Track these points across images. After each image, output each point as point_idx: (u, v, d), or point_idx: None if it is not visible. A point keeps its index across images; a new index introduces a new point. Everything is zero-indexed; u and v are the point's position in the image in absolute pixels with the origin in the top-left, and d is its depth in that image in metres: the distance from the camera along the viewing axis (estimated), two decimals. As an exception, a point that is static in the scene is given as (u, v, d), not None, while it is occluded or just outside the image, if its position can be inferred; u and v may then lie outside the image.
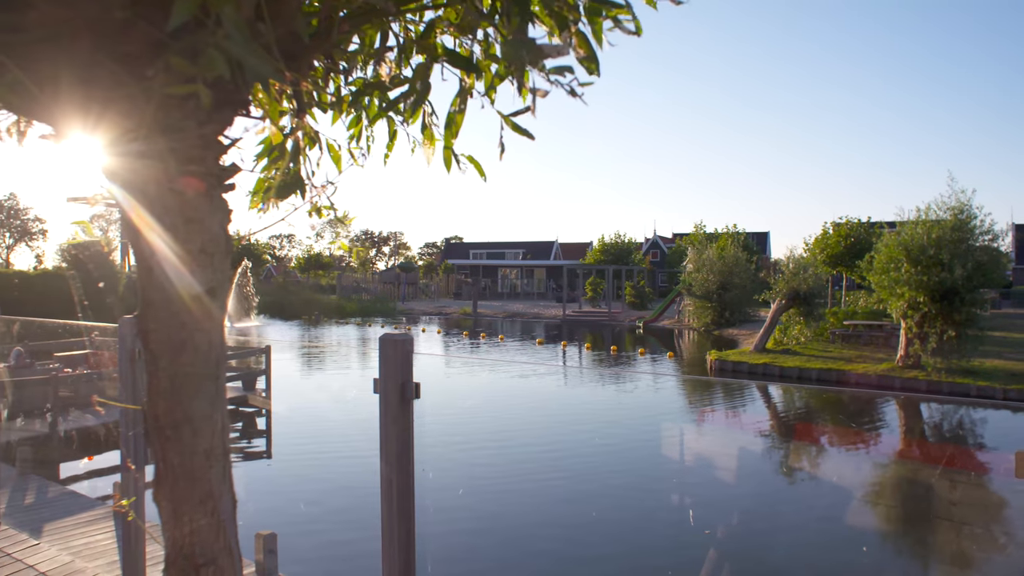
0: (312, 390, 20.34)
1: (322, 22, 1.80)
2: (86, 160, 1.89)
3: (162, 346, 1.63)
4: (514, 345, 32.42)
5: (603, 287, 53.36)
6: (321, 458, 12.12)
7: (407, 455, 3.42)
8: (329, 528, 8.82)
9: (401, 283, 66.16)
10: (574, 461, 12.35)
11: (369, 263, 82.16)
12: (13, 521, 6.72)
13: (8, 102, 1.59)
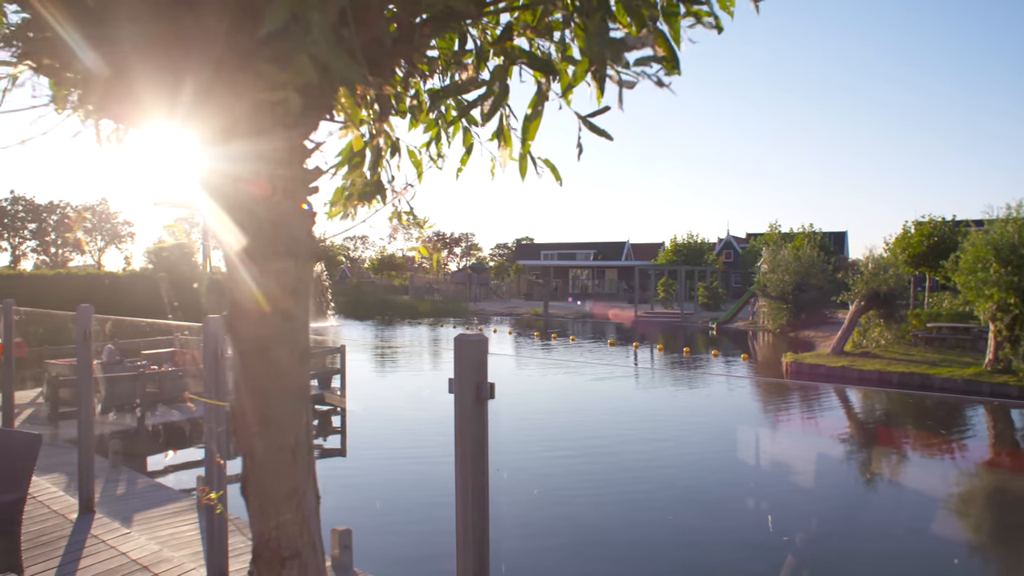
0: (386, 389, 20.64)
1: (403, 27, 1.83)
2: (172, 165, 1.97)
3: (250, 345, 1.68)
4: (585, 346, 32.28)
5: (675, 288, 52.69)
6: (395, 456, 12.29)
7: (482, 455, 3.44)
8: (402, 526, 8.94)
9: (473, 284, 66.61)
10: (647, 463, 12.22)
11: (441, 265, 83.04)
12: (106, 510, 7.01)
13: (109, 110, 1.66)
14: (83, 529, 6.37)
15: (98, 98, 1.71)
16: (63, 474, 8.72)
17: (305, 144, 1.69)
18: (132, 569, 5.57)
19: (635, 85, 1.90)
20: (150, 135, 1.83)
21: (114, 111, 1.80)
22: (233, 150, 1.52)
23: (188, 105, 1.47)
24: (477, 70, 2.24)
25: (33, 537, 6.05)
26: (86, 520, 6.58)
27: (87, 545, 6.04)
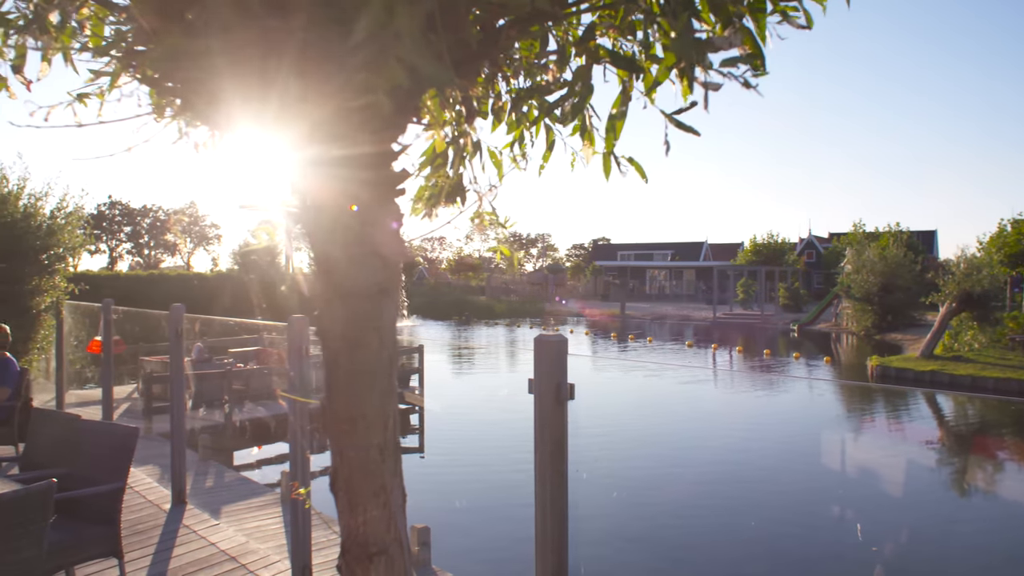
0: (464, 389, 20.83)
1: (487, 29, 1.84)
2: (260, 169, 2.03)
3: (339, 344, 1.71)
4: (663, 347, 31.92)
5: (755, 289, 51.60)
6: (473, 456, 12.39)
7: (561, 456, 3.43)
8: (480, 525, 9.01)
9: (549, 284, 66.65)
10: (727, 467, 12.01)
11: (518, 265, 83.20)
12: (197, 502, 7.28)
13: (204, 117, 1.73)
14: (176, 519, 6.63)
15: (194, 106, 1.78)
16: (157, 466, 9.09)
17: (392, 147, 1.72)
18: (221, 559, 5.77)
19: (720, 87, 1.87)
20: (240, 140, 1.90)
21: (208, 118, 1.87)
22: (322, 154, 1.56)
23: (278, 111, 1.51)
24: (560, 70, 2.24)
25: (131, 525, 6.33)
26: (178, 511, 6.84)
27: (179, 534, 6.29)
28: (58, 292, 11.88)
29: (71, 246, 12.08)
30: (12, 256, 11.08)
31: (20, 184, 11.61)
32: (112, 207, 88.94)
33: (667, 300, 67.55)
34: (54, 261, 11.80)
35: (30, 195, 11.66)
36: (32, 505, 3.62)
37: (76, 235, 12.23)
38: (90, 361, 14.78)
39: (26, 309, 11.37)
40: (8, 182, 11.48)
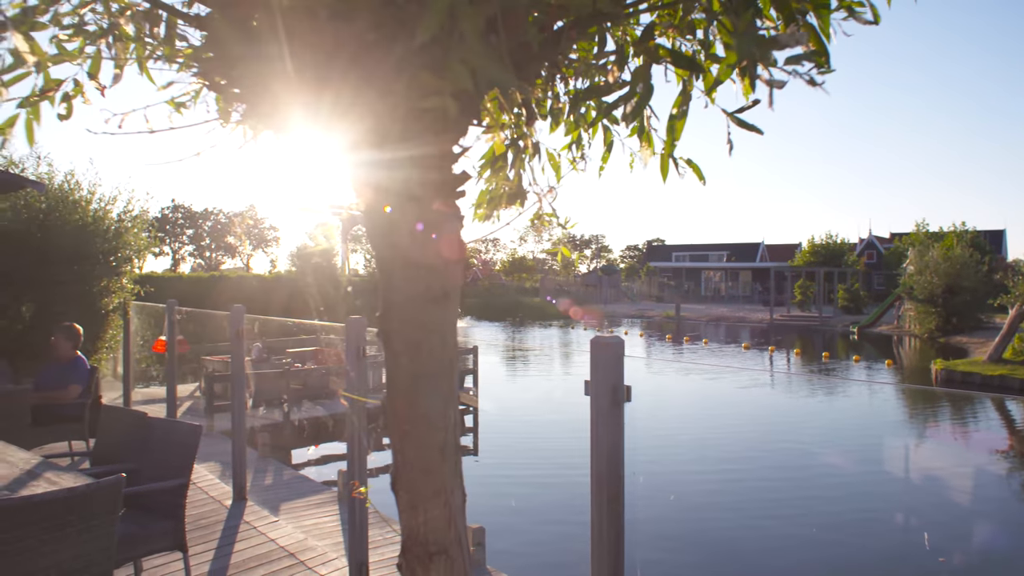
0: (518, 390, 20.84)
1: (546, 31, 1.84)
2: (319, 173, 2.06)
3: (402, 346, 1.73)
4: (719, 349, 31.50)
5: (813, 290, 50.56)
6: (528, 457, 12.39)
7: (617, 458, 3.41)
8: (535, 526, 9.00)
9: (603, 286, 66.38)
10: (786, 472, 11.79)
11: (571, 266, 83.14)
12: (256, 498, 7.43)
13: (269, 122, 1.77)
14: (236, 515, 6.78)
15: (258, 111, 1.82)
16: (218, 463, 9.29)
17: (453, 149, 1.73)
18: (280, 555, 5.87)
19: (785, 85, 1.83)
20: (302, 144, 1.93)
21: (272, 122, 1.91)
22: (385, 157, 1.58)
23: (342, 114, 1.54)
24: (620, 71, 2.23)
25: (194, 520, 6.48)
26: (239, 507, 6.99)
27: (240, 530, 6.42)
28: (125, 293, 12.25)
29: (137, 249, 12.45)
30: (83, 258, 11.46)
31: (91, 189, 12.01)
32: (175, 210, 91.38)
33: (722, 302, 66.67)
34: (121, 263, 12.17)
35: (100, 200, 12.06)
36: (104, 498, 3.74)
37: (142, 238, 12.60)
38: (155, 360, 15.22)
39: (96, 309, 11.76)
40: (80, 187, 11.89)
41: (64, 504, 3.62)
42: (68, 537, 3.64)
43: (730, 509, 9.84)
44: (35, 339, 10.69)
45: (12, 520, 3.43)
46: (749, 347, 32.05)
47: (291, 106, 1.65)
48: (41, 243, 11.07)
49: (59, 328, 8.07)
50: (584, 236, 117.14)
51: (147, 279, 13.60)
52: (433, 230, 1.69)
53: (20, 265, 10.96)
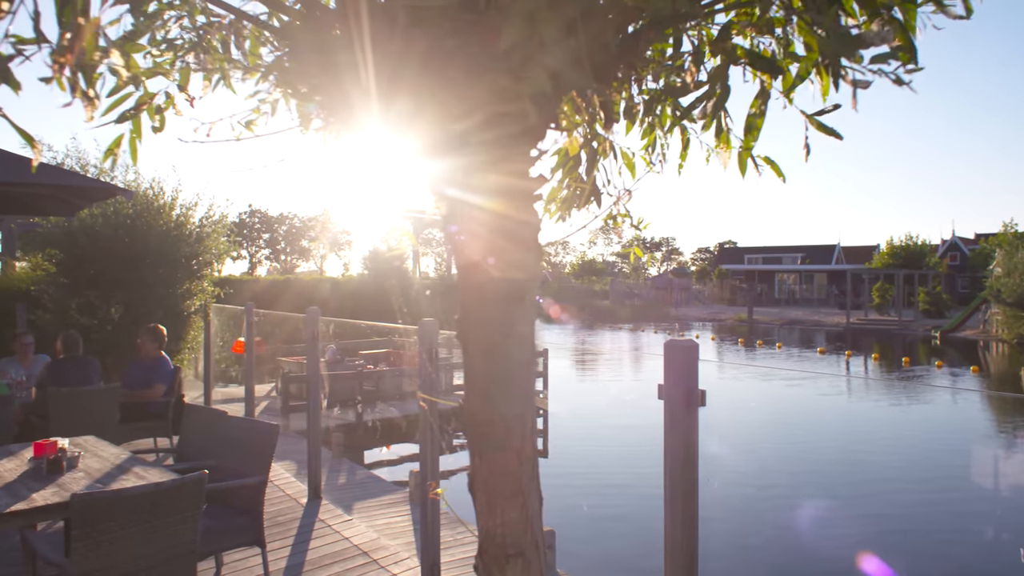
0: (588, 393, 20.76)
1: (622, 32, 1.83)
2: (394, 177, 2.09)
3: (479, 349, 1.75)
4: (793, 354, 30.78)
5: (892, 293, 48.95)
6: (599, 460, 12.33)
7: (691, 463, 3.36)
8: (607, 530, 8.94)
9: (673, 289, 65.62)
10: (868, 480, 11.45)
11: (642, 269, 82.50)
12: (331, 497, 7.58)
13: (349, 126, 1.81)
14: (312, 513, 6.93)
15: (339, 117, 1.87)
16: (293, 462, 9.51)
17: (531, 152, 1.74)
18: (354, 553, 5.98)
19: (870, 85, 1.79)
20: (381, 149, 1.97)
21: (352, 128, 1.95)
22: (463, 161, 1.60)
23: (421, 121, 1.56)
24: (697, 71, 2.20)
25: (271, 516, 6.65)
26: (314, 505, 7.14)
27: (315, 528, 6.56)
28: (206, 295, 12.66)
29: (217, 253, 12.85)
30: (167, 262, 11.89)
31: (174, 195, 12.46)
32: (252, 215, 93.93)
33: (797, 305, 65.10)
34: (202, 267, 12.58)
35: (182, 205, 12.49)
36: (188, 493, 3.88)
37: (221, 242, 13.01)
38: (233, 360, 15.67)
39: (178, 311, 12.18)
40: (164, 194, 12.34)
41: (152, 498, 3.76)
42: (156, 529, 3.78)
43: (808, 519, 9.61)
44: (122, 339, 11.15)
45: (105, 511, 3.58)
46: (825, 351, 31.22)
47: (370, 113, 1.68)
48: (128, 247, 11.53)
49: (145, 329, 8.40)
50: (654, 238, 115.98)
51: (225, 282, 14.04)
52: (511, 233, 1.70)
53: (109, 268, 11.44)
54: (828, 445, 14.15)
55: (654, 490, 3.28)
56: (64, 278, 11.78)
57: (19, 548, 4.96)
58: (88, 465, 4.73)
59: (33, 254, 13.10)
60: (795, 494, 10.68)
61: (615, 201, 2.42)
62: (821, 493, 10.75)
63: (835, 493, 10.77)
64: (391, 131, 1.73)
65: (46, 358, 8.48)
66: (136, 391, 8.05)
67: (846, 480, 11.53)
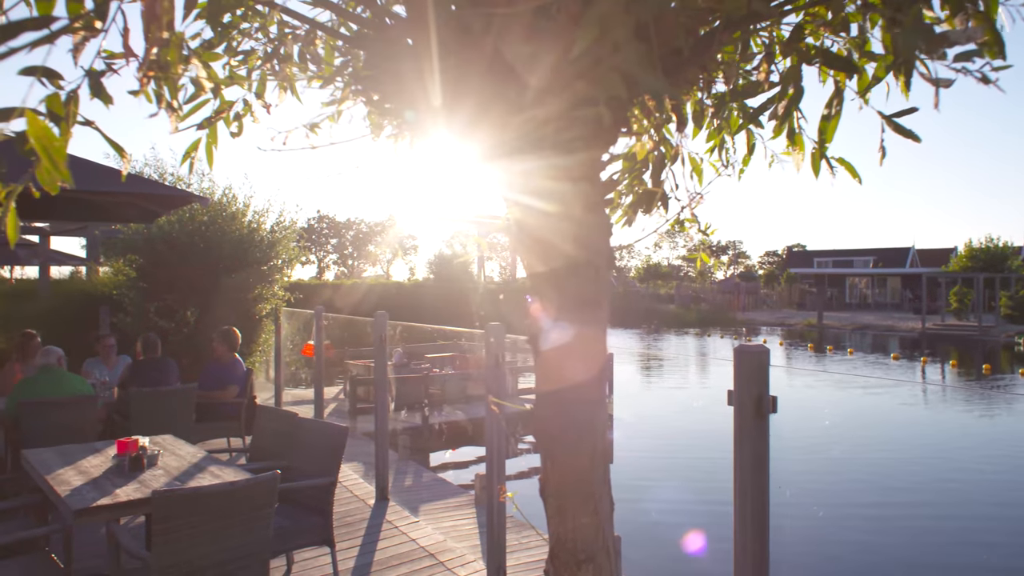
0: (654, 398, 20.54)
1: (695, 34, 1.82)
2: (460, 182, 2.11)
3: (551, 354, 1.76)
4: (865, 359, 29.92)
5: (971, 297, 47.14)
6: (666, 466, 12.18)
7: (762, 471, 3.30)
8: (674, 538, 8.83)
9: (740, 293, 64.51)
10: (945, 493, 11.04)
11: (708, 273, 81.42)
12: (397, 499, 7.67)
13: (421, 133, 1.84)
14: (379, 514, 7.02)
15: (412, 124, 1.90)
16: (361, 463, 9.65)
17: (602, 157, 1.74)
18: (421, 555, 6.04)
19: (952, 84, 1.73)
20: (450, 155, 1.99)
21: (423, 135, 1.98)
22: (536, 166, 1.61)
23: (495, 126, 1.58)
24: (769, 73, 2.17)
25: (340, 517, 6.77)
26: (382, 506, 7.24)
27: (383, 529, 6.65)
28: (277, 300, 12.97)
29: (288, 258, 13.16)
30: (239, 267, 12.23)
31: (246, 202, 12.81)
32: (320, 221, 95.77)
33: (869, 310, 63.32)
34: (273, 271, 12.90)
35: (254, 212, 12.84)
36: (262, 492, 3.98)
37: (291, 247, 13.32)
38: (302, 363, 15.99)
39: (251, 315, 12.51)
40: (237, 201, 12.70)
41: (228, 496, 3.87)
42: (231, 527, 3.89)
43: (884, 529, 9.32)
44: (198, 342, 11.50)
45: (183, 508, 3.70)
46: (899, 357, 30.26)
47: (440, 120, 1.71)
48: (204, 253, 11.90)
49: (219, 332, 8.65)
50: (720, 242, 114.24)
51: (295, 286, 14.35)
52: (582, 238, 1.70)
53: (186, 273, 11.83)
54: (906, 456, 13.70)
55: (723, 496, 3.23)
56: (144, 282, 12.22)
57: (104, 540, 5.16)
58: (167, 463, 4.89)
59: (115, 260, 13.64)
60: (871, 506, 10.38)
61: (688, 204, 2.40)
62: (895, 503, 10.42)
63: (913, 508, 10.42)
64: (461, 137, 1.75)
65: (127, 359, 8.80)
66: (211, 392, 8.29)
67: (927, 494, 11.15)
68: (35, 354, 7.42)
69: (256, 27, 2.45)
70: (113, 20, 1.61)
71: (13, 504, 5.04)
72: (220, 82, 2.24)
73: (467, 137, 1.70)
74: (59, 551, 4.51)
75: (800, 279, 70.42)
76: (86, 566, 5.04)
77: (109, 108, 1.65)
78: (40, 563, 4.28)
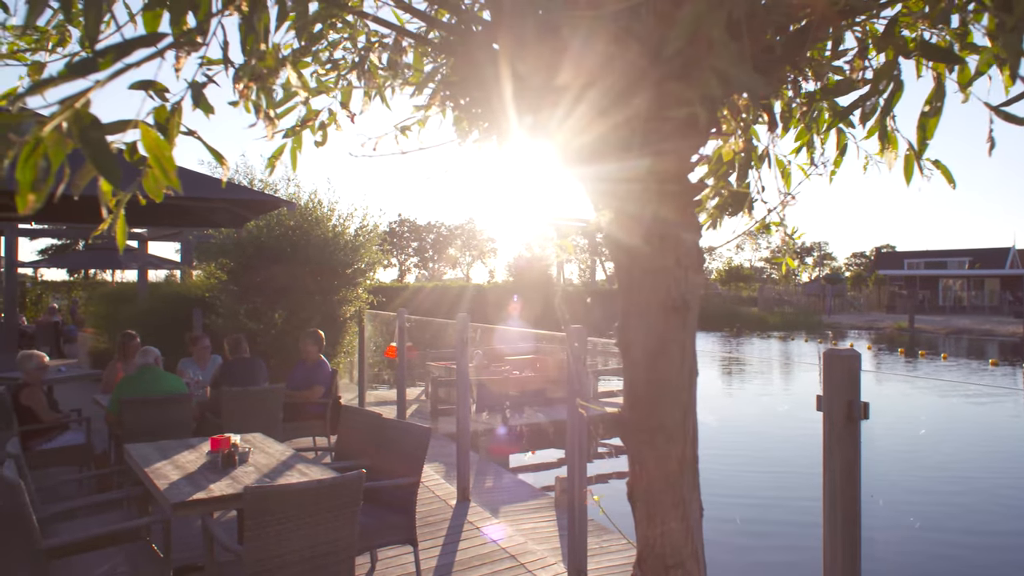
0: (737, 402, 20.13)
1: (785, 31, 1.78)
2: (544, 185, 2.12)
3: (641, 355, 1.74)
4: (961, 365, 28.65)
5: (1079, 301, 44.64)
6: (751, 471, 11.93)
7: (853, 479, 3.21)
8: (758, 545, 8.64)
9: (826, 295, 62.65)
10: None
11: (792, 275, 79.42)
12: (479, 500, 7.73)
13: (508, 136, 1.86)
14: (460, 515, 7.09)
15: (499, 129, 1.92)
16: (442, 464, 9.76)
17: (691, 158, 1.72)
18: (502, 556, 6.07)
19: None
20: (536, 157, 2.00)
21: (509, 138, 2.00)
22: (625, 168, 1.60)
23: (581, 129, 1.58)
24: (862, 68, 2.10)
25: (422, 516, 6.85)
26: (463, 507, 7.30)
27: (464, 529, 6.71)
28: (360, 302, 13.23)
29: (371, 261, 13.42)
30: (324, 271, 12.53)
31: (331, 207, 13.13)
32: (401, 224, 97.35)
33: (964, 313, 60.57)
34: (357, 275, 13.16)
35: (338, 216, 13.14)
36: (348, 491, 4.07)
37: (374, 251, 13.57)
38: (385, 364, 16.27)
39: (335, 317, 12.80)
40: (322, 205, 13.03)
41: (315, 494, 3.97)
42: (318, 523, 3.99)
43: (984, 543, 8.91)
44: (285, 343, 11.83)
45: (274, 504, 3.82)
46: (997, 364, 28.86)
47: (529, 122, 1.72)
48: (290, 256, 12.24)
49: (306, 333, 8.89)
50: (805, 243, 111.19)
51: (377, 289, 14.60)
52: (672, 239, 1.69)
53: (274, 276, 12.19)
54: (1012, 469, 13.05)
55: (810, 504, 3.14)
56: (234, 285, 12.64)
57: (198, 533, 5.37)
58: (257, 460, 5.05)
59: (207, 263, 14.15)
60: (973, 521, 9.93)
61: (777, 207, 2.34)
62: (995, 515, 9.93)
63: (1013, 517, 9.93)
64: (548, 140, 1.76)
65: (219, 359, 9.13)
66: (298, 392, 8.52)
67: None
68: (135, 354, 7.76)
69: (345, 37, 2.52)
70: (213, 34, 1.68)
71: (118, 496, 5.30)
72: (310, 92, 2.30)
73: (553, 140, 1.70)
74: (159, 541, 4.71)
75: (889, 281, 68.01)
76: (181, 556, 5.25)
77: (209, 118, 1.73)
78: (142, 552, 4.48)
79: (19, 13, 2.20)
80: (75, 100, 1.05)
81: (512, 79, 1.62)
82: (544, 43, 1.50)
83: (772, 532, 9.14)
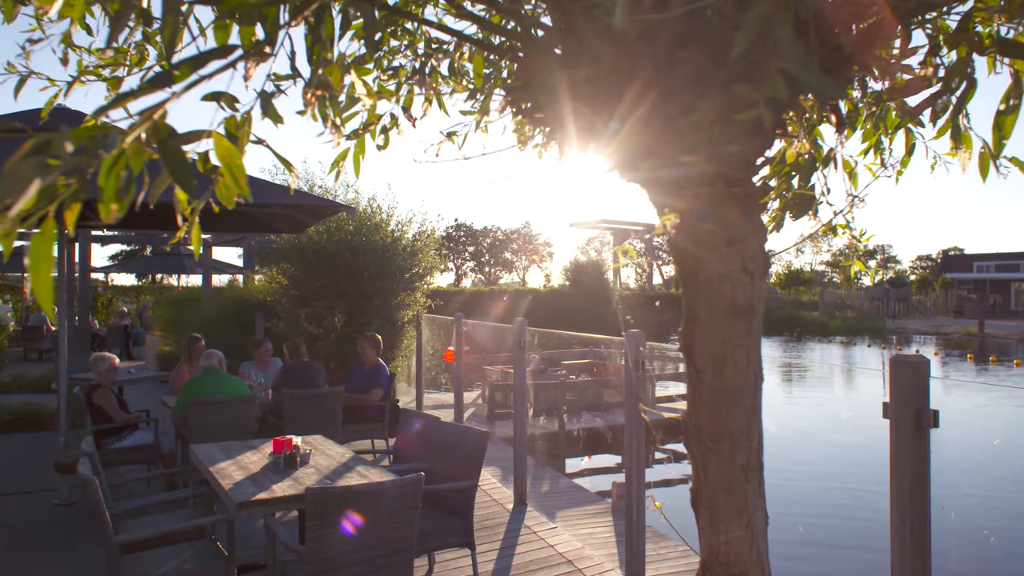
0: (799, 409, 19.71)
1: (849, 30, 1.75)
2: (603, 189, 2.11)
3: (705, 361, 1.73)
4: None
5: None
6: (814, 480, 11.66)
7: (922, 489, 3.12)
8: (821, 556, 8.44)
9: (891, 299, 61.00)
10: None
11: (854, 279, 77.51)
12: (535, 504, 7.72)
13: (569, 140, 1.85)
14: (517, 519, 7.09)
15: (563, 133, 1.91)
16: (499, 468, 9.77)
17: (756, 160, 1.70)
18: (558, 561, 6.05)
19: None
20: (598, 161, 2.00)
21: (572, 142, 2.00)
22: (688, 171, 1.59)
23: (645, 132, 1.57)
24: (936, 67, 2.04)
25: (479, 520, 6.87)
26: (520, 511, 7.30)
27: (521, 533, 6.71)
28: (418, 306, 13.35)
29: (429, 266, 13.53)
30: (383, 275, 12.68)
31: (389, 212, 13.29)
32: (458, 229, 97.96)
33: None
34: (415, 279, 13.29)
35: (397, 222, 13.29)
36: (408, 493, 4.11)
37: (431, 256, 13.68)
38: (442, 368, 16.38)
39: (393, 321, 12.94)
40: (380, 211, 13.19)
41: (375, 496, 4.02)
42: (377, 525, 4.04)
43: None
44: (344, 347, 12.00)
45: (335, 506, 3.88)
46: (1071, 371, 27.70)
47: (590, 126, 1.71)
48: (349, 261, 12.42)
49: (365, 337, 9.01)
50: (868, 246, 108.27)
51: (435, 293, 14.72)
52: (738, 244, 1.67)
53: (333, 280, 12.38)
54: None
55: (877, 515, 3.06)
56: (295, 290, 12.88)
57: (261, 532, 5.48)
58: (317, 462, 5.13)
59: (269, 268, 14.45)
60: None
61: (845, 208, 2.29)
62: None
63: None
64: (610, 144, 1.75)
65: (280, 363, 9.31)
66: (357, 395, 8.64)
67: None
68: (199, 356, 7.97)
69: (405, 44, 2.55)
70: (281, 45, 1.72)
71: (185, 494, 5.45)
72: (374, 98, 2.34)
73: (615, 144, 1.70)
74: (223, 539, 4.82)
75: (957, 285, 65.91)
76: (244, 555, 5.37)
77: (278, 127, 1.77)
78: (208, 550, 4.59)
79: (101, 34, 2.29)
80: (153, 112, 1.09)
81: (575, 83, 1.62)
82: (607, 47, 1.49)
83: (838, 543, 8.92)
